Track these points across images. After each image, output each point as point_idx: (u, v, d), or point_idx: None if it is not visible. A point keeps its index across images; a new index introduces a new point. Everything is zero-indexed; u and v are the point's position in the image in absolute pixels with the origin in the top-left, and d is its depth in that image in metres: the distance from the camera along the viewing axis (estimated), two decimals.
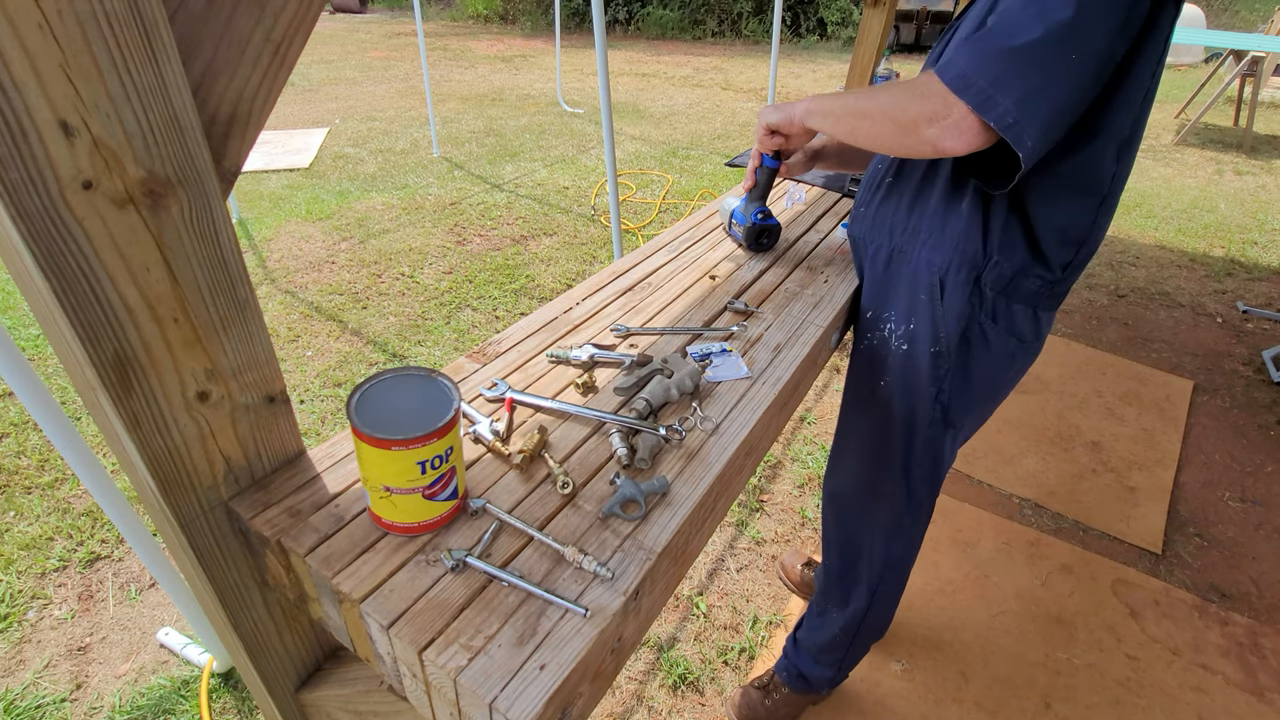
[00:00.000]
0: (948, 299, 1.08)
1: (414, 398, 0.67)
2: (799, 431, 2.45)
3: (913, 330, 1.12)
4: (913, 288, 1.11)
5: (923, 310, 1.10)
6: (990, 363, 1.10)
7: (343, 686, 0.87)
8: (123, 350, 0.57)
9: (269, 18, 0.57)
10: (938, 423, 1.15)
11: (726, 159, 5.19)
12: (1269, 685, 1.66)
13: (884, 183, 1.16)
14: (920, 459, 1.20)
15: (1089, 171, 0.93)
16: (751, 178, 1.28)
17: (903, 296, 1.13)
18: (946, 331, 1.09)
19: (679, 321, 1.11)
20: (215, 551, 0.72)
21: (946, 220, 1.05)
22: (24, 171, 0.47)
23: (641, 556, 0.68)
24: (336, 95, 6.76)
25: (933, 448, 1.18)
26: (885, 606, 1.40)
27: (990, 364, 1.10)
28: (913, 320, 1.12)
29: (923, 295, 1.10)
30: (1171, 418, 2.60)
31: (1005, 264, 1.03)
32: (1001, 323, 1.08)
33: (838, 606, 1.41)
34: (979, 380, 1.12)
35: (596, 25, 2.23)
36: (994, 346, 1.08)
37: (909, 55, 9.48)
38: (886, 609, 1.40)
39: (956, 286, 1.06)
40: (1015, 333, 1.08)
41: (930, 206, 1.07)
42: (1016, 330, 1.08)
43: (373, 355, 2.74)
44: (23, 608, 1.70)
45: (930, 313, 1.09)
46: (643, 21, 11.02)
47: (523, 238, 3.83)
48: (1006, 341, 1.09)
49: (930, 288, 1.08)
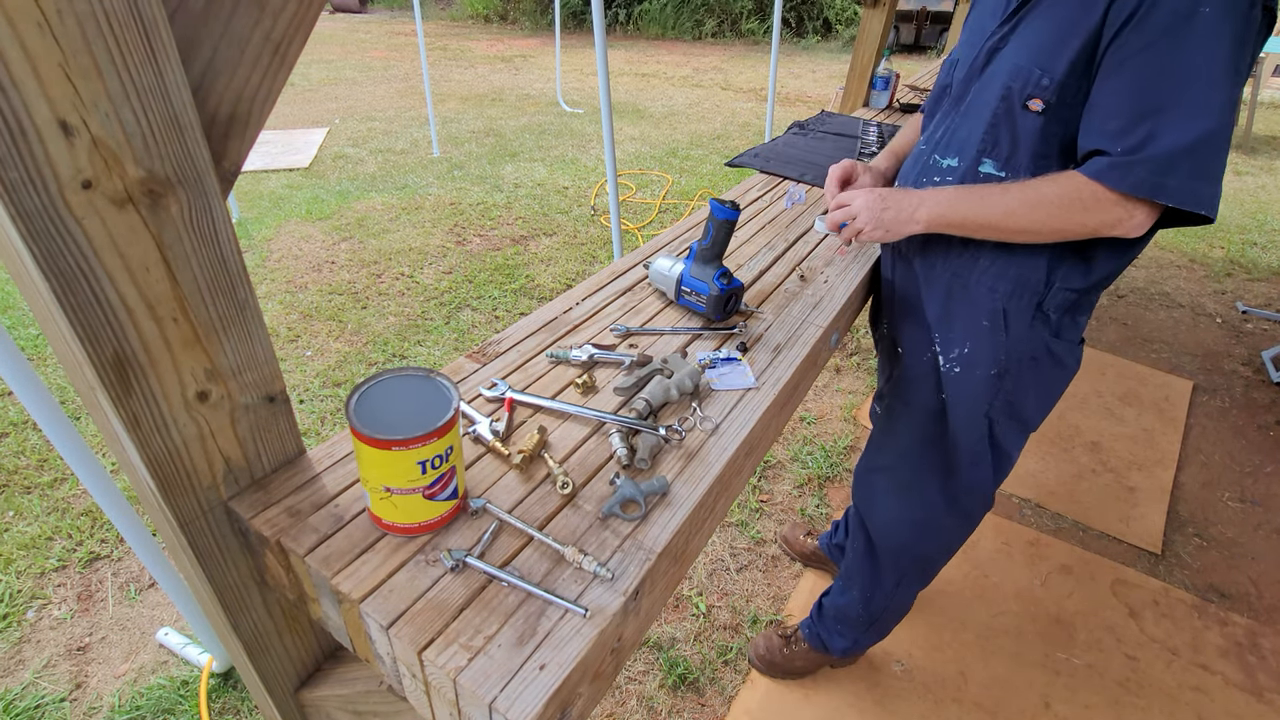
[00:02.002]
0: (1013, 327, 1.07)
1: (413, 398, 0.67)
2: (799, 431, 2.45)
3: (968, 355, 1.11)
4: (971, 314, 1.09)
5: (984, 337, 1.09)
6: (1058, 372, 1.10)
7: (342, 686, 0.87)
8: (122, 350, 0.57)
9: (269, 17, 0.57)
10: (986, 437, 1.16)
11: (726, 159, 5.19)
12: (1268, 685, 1.66)
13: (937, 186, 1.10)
14: (968, 470, 1.20)
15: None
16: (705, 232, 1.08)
17: (958, 321, 1.12)
18: (1011, 356, 1.08)
19: (679, 321, 1.11)
20: (215, 551, 0.72)
21: (1011, 246, 1.02)
22: (23, 171, 0.47)
23: (641, 556, 0.68)
24: (336, 95, 6.75)
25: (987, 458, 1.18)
26: (907, 595, 1.44)
27: (1058, 373, 1.10)
28: (967, 345, 1.11)
29: (985, 322, 1.08)
30: (1171, 418, 2.60)
31: (1066, 290, 1.03)
32: (1065, 336, 1.08)
33: (860, 586, 1.45)
34: (1046, 391, 1.13)
35: (596, 25, 2.23)
36: (1062, 358, 1.09)
37: (909, 55, 9.47)
38: (907, 597, 1.44)
39: (1019, 313, 1.06)
40: (1077, 339, 1.10)
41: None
42: (1078, 335, 1.10)
43: (373, 355, 2.73)
44: (22, 608, 1.70)
45: (993, 340, 1.08)
46: (642, 21, 11.01)
47: (522, 238, 3.83)
48: (1072, 350, 1.09)
49: (993, 315, 1.07)
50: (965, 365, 1.12)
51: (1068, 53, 0.89)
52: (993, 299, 1.07)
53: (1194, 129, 0.80)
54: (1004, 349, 1.08)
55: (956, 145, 1.06)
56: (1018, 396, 1.12)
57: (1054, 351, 1.08)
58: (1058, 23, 0.90)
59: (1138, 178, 0.83)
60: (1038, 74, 0.92)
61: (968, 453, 1.18)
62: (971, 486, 1.22)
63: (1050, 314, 1.05)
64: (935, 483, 1.25)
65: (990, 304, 1.07)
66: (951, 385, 1.15)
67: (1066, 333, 1.08)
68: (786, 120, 5.64)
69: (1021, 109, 0.95)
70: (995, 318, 1.07)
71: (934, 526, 1.30)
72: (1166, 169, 0.82)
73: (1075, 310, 1.06)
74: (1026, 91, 0.94)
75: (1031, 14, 0.95)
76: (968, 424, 1.16)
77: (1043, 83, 0.92)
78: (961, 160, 1.05)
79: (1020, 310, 1.05)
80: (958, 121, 1.07)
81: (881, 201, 1.04)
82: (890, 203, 1.03)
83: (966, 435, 1.17)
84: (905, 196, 1.03)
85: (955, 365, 1.13)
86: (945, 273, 1.12)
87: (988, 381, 1.11)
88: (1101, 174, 0.86)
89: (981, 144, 1.01)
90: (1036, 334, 1.06)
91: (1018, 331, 1.07)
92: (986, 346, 1.09)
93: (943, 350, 1.15)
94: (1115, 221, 0.87)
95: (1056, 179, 0.92)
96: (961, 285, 1.10)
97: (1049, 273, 1.02)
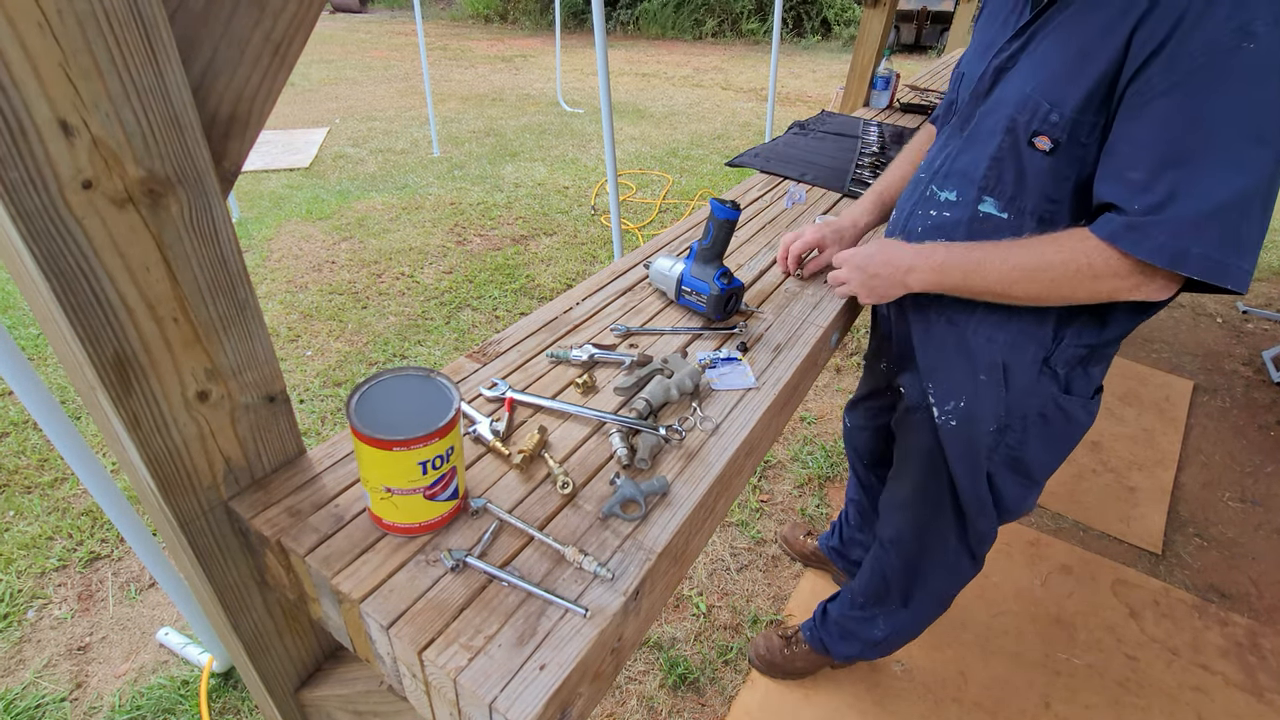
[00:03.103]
0: (1015, 383, 0.95)
1: (414, 398, 0.67)
2: (799, 431, 2.45)
3: (965, 409, 1.01)
4: (968, 365, 0.99)
5: (983, 391, 0.98)
6: (1070, 429, 1.00)
7: (343, 686, 0.87)
8: (122, 350, 0.57)
9: (269, 17, 0.57)
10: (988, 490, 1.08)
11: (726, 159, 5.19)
12: (1268, 685, 1.66)
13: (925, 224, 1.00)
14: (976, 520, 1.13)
15: None
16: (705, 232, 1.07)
17: (953, 371, 1.01)
18: (1013, 413, 0.98)
19: (679, 321, 1.10)
20: (215, 551, 0.72)
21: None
22: (23, 171, 0.47)
23: (641, 557, 0.68)
24: (336, 95, 6.75)
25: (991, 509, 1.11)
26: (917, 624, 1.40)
27: (1070, 430, 1.00)
28: (964, 398, 1.01)
29: (982, 376, 0.98)
30: (1171, 418, 2.60)
31: (1076, 346, 0.92)
32: (1077, 391, 0.96)
33: (874, 605, 1.42)
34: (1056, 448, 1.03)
35: (596, 25, 2.23)
36: (1074, 414, 0.98)
37: (909, 55, 9.47)
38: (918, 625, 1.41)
39: (1022, 368, 0.94)
40: (1090, 392, 0.98)
41: None
42: (1092, 389, 0.98)
43: (373, 355, 2.73)
44: (22, 607, 1.70)
45: (993, 395, 0.98)
46: (643, 21, 11.01)
47: (523, 237, 3.82)
48: (1086, 405, 0.98)
49: (991, 368, 0.96)
50: (962, 420, 1.02)
51: (1083, 84, 0.77)
52: (990, 350, 0.96)
53: (1226, 187, 0.68)
54: (1004, 404, 0.97)
55: (956, 177, 0.96)
56: (1022, 452, 1.02)
57: (1064, 408, 0.96)
58: (1073, 46, 0.78)
59: (1156, 243, 0.72)
60: (1046, 108, 0.80)
61: (973, 503, 1.10)
62: (982, 537, 1.16)
63: (1058, 369, 0.94)
64: (952, 529, 1.17)
65: (988, 355, 0.96)
66: (948, 438, 1.05)
67: (1078, 387, 0.95)
68: (787, 120, 5.64)
69: (1028, 146, 0.84)
70: (993, 371, 0.96)
71: (953, 567, 1.24)
72: (1191, 234, 0.70)
73: (1088, 363, 0.94)
74: (1033, 127, 0.82)
75: (1044, 31, 0.83)
76: (968, 478, 1.07)
77: (1051, 118, 0.80)
78: (961, 195, 0.94)
79: (1023, 365, 0.94)
80: (960, 149, 0.95)
81: (866, 269, 0.97)
82: (878, 267, 0.95)
83: (968, 489, 1.09)
84: (894, 258, 0.94)
85: (951, 418, 1.03)
86: (939, 319, 1.01)
87: (987, 437, 1.01)
88: (1115, 236, 0.74)
89: (984, 180, 0.90)
90: (1044, 390, 0.95)
91: (1021, 387, 0.96)
92: (985, 402, 0.99)
93: (937, 402, 1.04)
94: (1129, 289, 0.77)
95: (1062, 241, 0.80)
96: (957, 334, 0.99)
97: (1057, 328, 0.91)
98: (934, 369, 1.04)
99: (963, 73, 1.00)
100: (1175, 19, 0.69)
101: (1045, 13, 0.84)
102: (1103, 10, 0.76)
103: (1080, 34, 0.78)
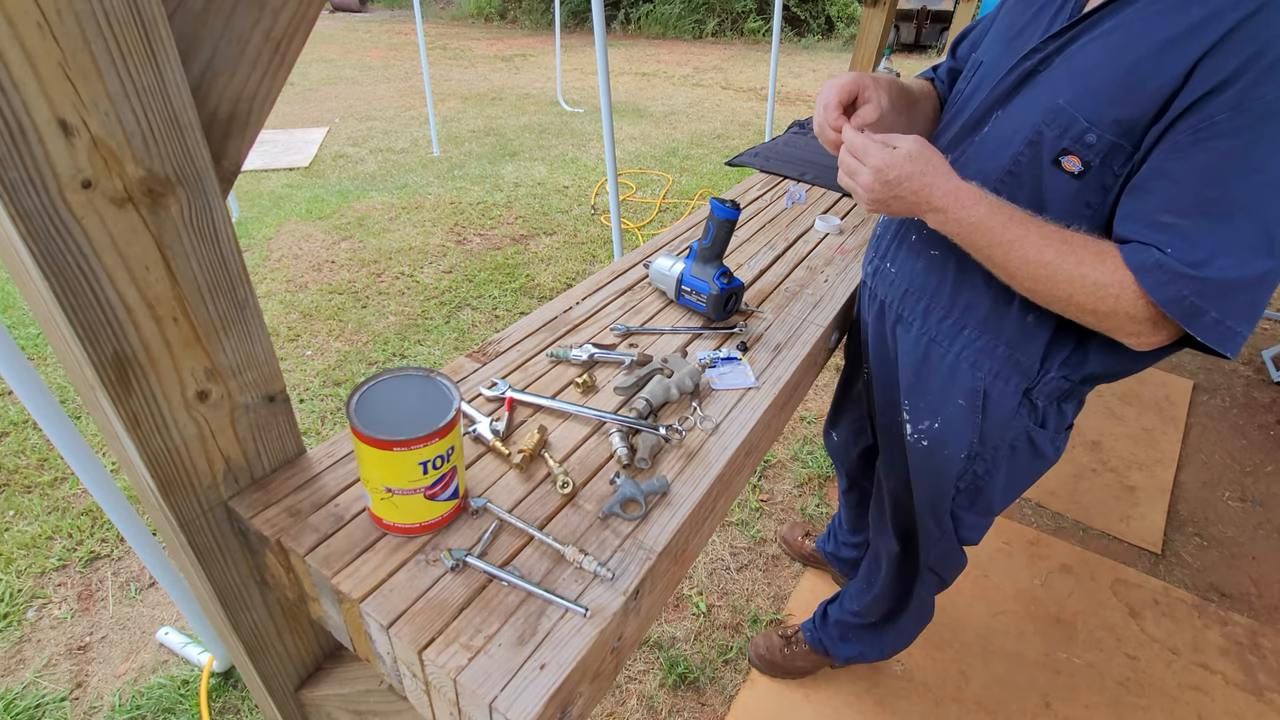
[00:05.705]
0: (993, 412, 0.92)
1: (414, 398, 0.67)
2: (799, 431, 2.45)
3: (938, 431, 0.98)
4: (946, 388, 0.95)
5: (959, 416, 0.95)
6: (1036, 463, 0.98)
7: (342, 686, 0.87)
8: (122, 350, 0.57)
9: (269, 16, 0.57)
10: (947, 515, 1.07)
11: (726, 158, 5.19)
12: (1268, 685, 1.66)
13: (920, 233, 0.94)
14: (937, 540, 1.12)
15: None
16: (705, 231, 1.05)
17: (932, 394, 0.98)
18: (986, 442, 0.95)
19: (679, 321, 1.10)
20: (215, 551, 0.72)
21: (1001, 323, 0.87)
22: (23, 170, 0.47)
23: (641, 556, 0.68)
24: (336, 95, 6.75)
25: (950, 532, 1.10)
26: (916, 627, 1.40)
27: (1036, 464, 0.98)
28: (938, 420, 0.97)
29: (960, 400, 0.94)
30: (1171, 417, 2.60)
31: (1062, 381, 0.87)
32: (1051, 426, 0.93)
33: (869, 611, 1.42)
34: (1018, 481, 1.00)
35: (596, 24, 2.22)
36: (1042, 449, 0.95)
37: (909, 54, 9.47)
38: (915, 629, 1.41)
39: (1003, 398, 0.91)
40: (1063, 427, 0.95)
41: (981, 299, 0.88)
42: (1065, 424, 0.95)
43: (373, 354, 2.73)
44: (22, 607, 1.70)
45: (969, 421, 0.95)
46: (643, 20, 11.01)
47: (522, 237, 3.82)
48: (1054, 440, 0.95)
49: (971, 394, 0.93)
50: (933, 441, 0.99)
51: (1129, 106, 0.68)
52: (974, 377, 0.92)
53: (1270, 258, 0.63)
54: (979, 432, 0.94)
55: None
56: (985, 482, 1.00)
57: (1035, 441, 0.93)
58: (1122, 60, 0.68)
59: (1176, 293, 0.65)
60: (1082, 126, 0.71)
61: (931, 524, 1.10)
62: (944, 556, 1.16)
63: (1038, 402, 0.90)
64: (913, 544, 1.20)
65: (970, 382, 0.92)
66: (916, 458, 1.03)
67: (1052, 422, 0.92)
68: (787, 119, 5.64)
69: (1052, 165, 0.75)
70: (973, 398, 0.92)
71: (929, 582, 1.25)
72: (1216, 299, 0.64)
73: (1066, 399, 0.91)
74: (1062, 144, 0.73)
75: (1089, 36, 0.73)
76: (930, 500, 1.06)
77: (1087, 139, 0.71)
78: None
79: (1004, 394, 0.90)
80: (970, 154, 0.86)
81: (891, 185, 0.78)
82: (906, 191, 0.77)
83: (927, 510, 1.08)
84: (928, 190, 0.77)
85: (923, 439, 1.00)
86: (922, 336, 0.96)
87: (956, 463, 0.98)
88: (1144, 270, 0.67)
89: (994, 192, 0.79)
90: (1019, 422, 0.92)
91: (999, 417, 0.92)
92: (960, 427, 0.95)
93: (911, 420, 1.01)
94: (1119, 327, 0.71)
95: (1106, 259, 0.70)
96: (940, 354, 0.95)
97: (1044, 358, 0.86)
98: (911, 387, 1.01)
99: (981, 61, 0.89)
100: (1251, 54, 0.61)
101: (1094, 14, 0.73)
102: (1164, 24, 0.66)
103: (1134, 48, 0.68)
